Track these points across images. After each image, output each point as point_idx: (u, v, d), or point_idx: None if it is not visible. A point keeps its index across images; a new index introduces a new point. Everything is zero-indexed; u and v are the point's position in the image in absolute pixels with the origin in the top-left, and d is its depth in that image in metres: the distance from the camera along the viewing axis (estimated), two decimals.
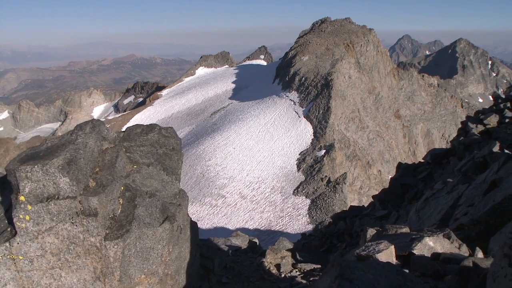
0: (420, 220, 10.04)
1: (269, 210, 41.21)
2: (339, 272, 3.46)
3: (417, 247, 6.32)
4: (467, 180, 9.57)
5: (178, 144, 4.52)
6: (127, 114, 78.80)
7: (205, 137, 55.40)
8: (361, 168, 47.82)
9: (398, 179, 14.51)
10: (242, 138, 53.09)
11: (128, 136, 4.29)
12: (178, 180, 4.32)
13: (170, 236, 3.85)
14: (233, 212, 41.20)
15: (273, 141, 52.24)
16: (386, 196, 14.25)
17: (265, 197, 43.30)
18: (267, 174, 46.82)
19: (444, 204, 9.44)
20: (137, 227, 3.54)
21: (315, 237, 15.18)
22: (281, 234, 36.12)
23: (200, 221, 40.06)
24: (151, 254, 3.67)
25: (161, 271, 3.80)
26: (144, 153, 4.20)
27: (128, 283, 3.51)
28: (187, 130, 62.57)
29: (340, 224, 14.46)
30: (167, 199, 4.06)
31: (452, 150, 13.06)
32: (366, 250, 6.06)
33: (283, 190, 44.28)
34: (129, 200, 3.70)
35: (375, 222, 12.00)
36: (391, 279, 3.51)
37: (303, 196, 42.87)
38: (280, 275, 7.76)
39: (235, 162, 48.63)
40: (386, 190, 14.76)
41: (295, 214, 40.26)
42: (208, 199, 43.09)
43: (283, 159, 49.01)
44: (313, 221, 38.15)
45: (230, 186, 44.89)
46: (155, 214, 3.77)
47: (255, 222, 39.47)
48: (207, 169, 47.67)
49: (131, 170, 3.99)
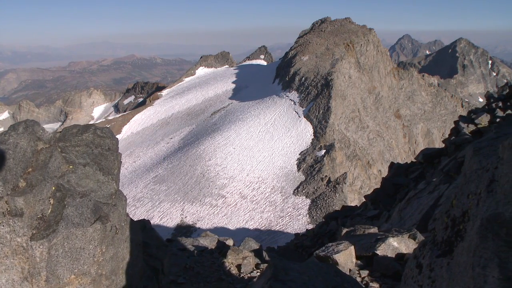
0: (402, 220, 10.03)
1: (269, 210, 41.20)
2: (273, 273, 3.48)
3: (381, 248, 6.31)
4: (449, 180, 9.57)
5: (114, 144, 4.51)
6: (127, 114, 78.82)
7: (205, 137, 55.40)
8: (361, 168, 47.81)
9: (390, 179, 14.50)
10: (242, 138, 53.08)
11: (64, 136, 4.28)
12: (114, 180, 4.32)
13: (103, 236, 3.85)
14: (233, 212, 41.19)
15: (273, 141, 52.23)
16: (378, 196, 14.25)
17: (265, 197, 43.30)
18: (267, 174, 46.81)
19: (425, 204, 9.43)
20: (65, 227, 3.55)
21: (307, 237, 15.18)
22: (281, 234, 36.11)
23: (200, 221, 40.06)
24: (82, 254, 3.69)
25: (94, 271, 3.80)
26: (80, 153, 4.21)
27: (56, 283, 3.51)
28: (187, 130, 62.57)
29: (332, 224, 14.45)
30: (103, 199, 4.08)
31: (444, 150, 13.06)
32: (325, 250, 6.07)
33: (283, 190, 44.28)
34: (59, 200, 3.72)
35: (366, 222, 12.01)
36: (328, 280, 3.51)
37: (303, 196, 42.86)
38: (239, 276, 7.75)
39: (235, 162, 48.62)
40: (378, 190, 14.77)
41: (295, 214, 40.25)
42: (208, 199, 43.08)
43: (283, 159, 49.00)
44: (313, 221, 38.13)
45: (230, 186, 44.89)
46: (86, 214, 3.78)
47: (255, 222, 39.46)
48: (207, 169, 47.67)
49: (67, 170, 4.00)
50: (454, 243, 2.59)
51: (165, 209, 42.16)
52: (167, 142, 60.03)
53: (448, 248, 2.67)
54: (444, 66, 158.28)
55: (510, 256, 1.97)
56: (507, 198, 2.12)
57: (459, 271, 2.34)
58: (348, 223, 12.87)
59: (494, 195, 2.23)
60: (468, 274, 2.16)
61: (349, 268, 6.16)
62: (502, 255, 1.99)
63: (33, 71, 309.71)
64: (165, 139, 61.57)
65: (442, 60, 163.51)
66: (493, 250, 2.03)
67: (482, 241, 2.10)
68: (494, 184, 2.29)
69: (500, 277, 1.94)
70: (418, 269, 2.95)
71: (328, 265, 4.05)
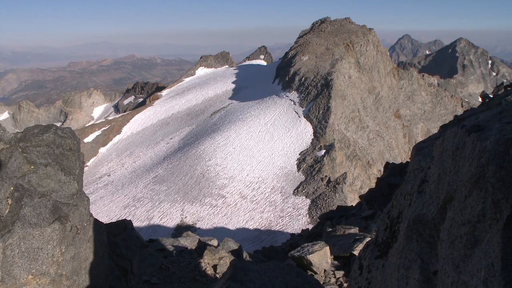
0: None
1: (269, 210, 41.21)
2: (232, 273, 3.51)
3: (358, 248, 6.29)
4: None
5: (75, 144, 4.53)
6: (127, 114, 78.80)
7: (205, 137, 55.41)
8: (361, 168, 47.82)
9: (384, 179, 14.49)
10: (242, 138, 53.10)
11: (25, 136, 4.28)
12: (76, 180, 4.34)
13: (62, 236, 3.85)
14: (233, 212, 41.19)
15: (273, 141, 52.24)
16: (372, 195, 14.24)
17: (265, 197, 43.30)
18: (267, 174, 46.82)
19: None
20: (21, 227, 3.54)
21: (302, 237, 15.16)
22: (281, 234, 36.12)
23: (200, 221, 40.07)
24: (40, 255, 3.67)
25: (53, 272, 3.79)
26: (41, 153, 4.21)
27: (12, 283, 3.50)
28: (187, 130, 62.58)
29: (327, 224, 14.46)
30: (64, 199, 4.09)
31: None
32: (300, 251, 6.05)
33: (283, 190, 44.28)
34: (17, 200, 3.72)
35: (361, 222, 12.01)
36: (288, 281, 3.52)
37: (303, 196, 42.87)
38: (214, 276, 7.76)
39: (235, 162, 48.63)
40: (373, 190, 14.76)
41: (295, 214, 40.26)
42: (208, 199, 43.09)
43: (283, 159, 49.01)
44: (313, 221, 38.12)
45: (230, 186, 44.89)
46: (44, 214, 3.78)
47: (255, 222, 39.47)
48: (207, 169, 47.68)
49: (28, 170, 4.00)
50: (390, 244, 2.57)
51: (165, 209, 42.17)
52: (167, 142, 60.05)
53: (385, 249, 2.64)
54: (444, 66, 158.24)
55: (432, 257, 1.97)
56: (431, 199, 2.11)
57: (389, 272, 2.31)
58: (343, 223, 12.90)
59: (423, 195, 2.22)
60: (394, 275, 2.15)
61: (323, 269, 6.13)
62: (424, 256, 1.99)
63: (33, 71, 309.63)
64: (165, 139, 61.59)
65: (442, 60, 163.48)
66: (416, 251, 2.03)
67: (408, 242, 2.11)
68: (424, 185, 2.28)
69: (420, 279, 1.94)
70: (360, 270, 2.93)
71: (290, 266, 4.08)
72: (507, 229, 1.45)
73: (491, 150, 1.64)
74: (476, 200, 1.69)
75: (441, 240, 1.90)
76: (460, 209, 1.81)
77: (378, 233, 2.92)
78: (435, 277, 1.88)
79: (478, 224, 1.64)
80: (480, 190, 1.67)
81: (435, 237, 1.98)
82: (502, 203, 1.52)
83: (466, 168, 1.84)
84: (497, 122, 1.88)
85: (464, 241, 1.70)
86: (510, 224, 1.45)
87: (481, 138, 1.76)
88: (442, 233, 1.91)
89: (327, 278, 7.38)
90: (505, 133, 1.66)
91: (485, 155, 1.67)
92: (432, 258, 1.95)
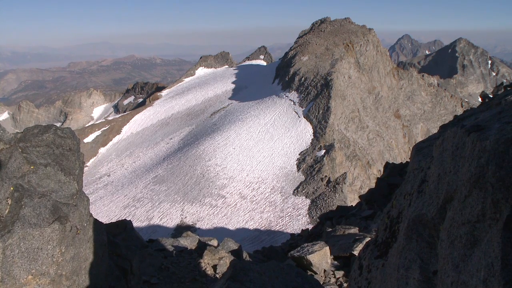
0: None
1: (269, 210, 41.20)
2: (231, 273, 3.51)
3: (358, 248, 6.27)
4: None
5: (75, 144, 4.52)
6: (127, 114, 78.80)
7: (205, 137, 55.41)
8: (361, 168, 47.81)
9: (384, 179, 14.49)
10: (242, 138, 53.09)
11: (25, 136, 4.29)
12: (76, 180, 4.33)
13: (62, 236, 3.85)
14: (233, 212, 41.19)
15: (273, 141, 52.24)
16: (372, 196, 14.23)
17: (265, 197, 43.30)
18: (267, 174, 46.82)
19: None
20: (21, 227, 3.55)
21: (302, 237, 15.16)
22: (281, 234, 36.12)
23: (200, 221, 40.07)
24: (40, 255, 3.68)
25: (53, 272, 3.79)
26: (41, 153, 4.21)
27: (12, 283, 3.50)
28: (187, 130, 62.58)
29: (327, 224, 14.46)
30: (63, 200, 4.08)
31: None
32: (300, 251, 6.04)
33: (283, 190, 44.28)
34: (17, 200, 3.72)
35: (360, 222, 12.01)
36: (288, 281, 3.51)
37: (303, 196, 42.86)
38: (214, 276, 7.76)
39: (235, 162, 48.63)
40: (373, 190, 14.75)
41: (295, 214, 40.25)
42: (208, 200, 43.09)
43: (283, 159, 49.01)
44: (313, 221, 38.12)
45: (230, 187, 44.89)
46: (44, 215, 3.78)
47: (255, 222, 39.46)
48: (207, 169, 47.67)
49: (28, 170, 4.00)
50: (390, 244, 2.56)
51: (165, 210, 42.16)
52: (167, 143, 60.05)
53: (385, 249, 2.64)
54: (444, 66, 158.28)
55: (432, 257, 1.97)
56: (431, 198, 2.11)
57: (389, 272, 2.31)
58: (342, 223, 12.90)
59: (423, 195, 2.22)
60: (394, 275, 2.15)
61: (323, 269, 6.11)
62: (424, 256, 1.99)
63: (33, 71, 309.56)
64: (165, 139, 61.58)
65: (441, 60, 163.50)
66: (416, 251, 2.03)
67: (408, 242, 2.10)
68: (424, 185, 2.28)
69: (420, 279, 1.94)
70: (359, 270, 2.92)
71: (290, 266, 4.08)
72: (506, 229, 1.44)
73: (490, 150, 1.64)
74: (475, 200, 1.69)
75: (441, 240, 1.90)
76: (459, 209, 1.81)
77: (378, 233, 2.91)
78: (435, 277, 1.88)
79: (477, 224, 1.64)
80: (479, 190, 1.67)
81: (435, 237, 1.97)
82: (502, 203, 1.52)
83: (465, 168, 1.83)
84: (497, 122, 1.88)
85: (464, 241, 1.70)
86: (509, 224, 1.45)
87: (480, 138, 1.76)
88: (442, 233, 1.90)
89: (327, 278, 7.39)
90: (504, 133, 1.66)
91: (485, 155, 1.67)
92: (432, 258, 1.95)
